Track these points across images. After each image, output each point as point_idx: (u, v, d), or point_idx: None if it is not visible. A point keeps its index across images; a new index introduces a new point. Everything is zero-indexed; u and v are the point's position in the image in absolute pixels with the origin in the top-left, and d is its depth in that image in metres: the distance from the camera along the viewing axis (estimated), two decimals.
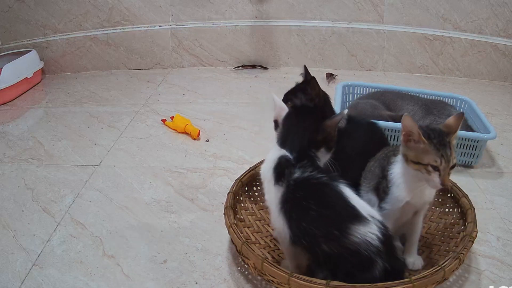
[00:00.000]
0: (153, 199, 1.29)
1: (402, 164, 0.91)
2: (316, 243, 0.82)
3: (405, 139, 0.89)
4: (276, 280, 0.87)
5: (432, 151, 0.85)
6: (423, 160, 0.86)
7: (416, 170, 0.87)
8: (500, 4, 2.04)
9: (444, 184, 0.85)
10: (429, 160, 0.85)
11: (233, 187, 1.11)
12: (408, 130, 0.88)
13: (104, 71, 2.33)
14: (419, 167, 0.86)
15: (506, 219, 1.20)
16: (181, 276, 1.01)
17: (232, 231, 0.97)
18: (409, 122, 0.87)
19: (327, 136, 0.91)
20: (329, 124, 0.91)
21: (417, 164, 0.87)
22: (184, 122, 1.65)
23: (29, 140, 1.64)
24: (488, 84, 2.14)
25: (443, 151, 0.85)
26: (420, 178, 0.88)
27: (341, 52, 2.24)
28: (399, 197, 0.91)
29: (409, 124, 0.87)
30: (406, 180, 0.90)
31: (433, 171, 0.85)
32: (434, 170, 0.85)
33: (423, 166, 0.86)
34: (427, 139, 0.86)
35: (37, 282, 1.00)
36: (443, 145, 0.86)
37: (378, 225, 0.81)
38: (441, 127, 0.90)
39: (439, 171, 0.85)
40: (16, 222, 1.20)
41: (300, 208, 0.84)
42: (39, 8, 2.19)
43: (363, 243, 0.79)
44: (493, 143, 1.55)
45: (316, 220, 0.82)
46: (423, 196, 0.92)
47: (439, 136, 0.87)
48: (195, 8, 2.23)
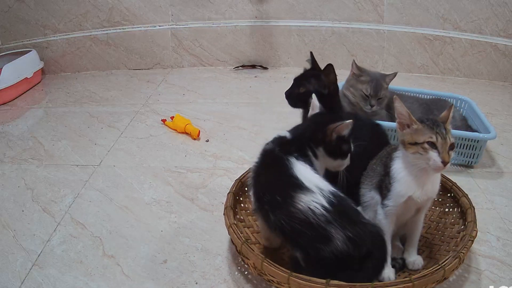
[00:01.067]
0: (153, 199, 1.29)
1: (403, 158, 0.92)
2: (265, 211, 0.88)
3: (400, 125, 0.92)
4: (276, 280, 0.87)
5: (426, 129, 0.88)
6: (419, 139, 0.87)
7: (414, 153, 0.88)
8: (500, 4, 2.04)
9: (445, 161, 0.85)
10: (425, 137, 0.86)
11: (233, 187, 1.11)
12: (399, 112, 0.91)
13: (104, 71, 2.33)
14: (417, 148, 0.87)
15: (506, 219, 1.20)
16: (181, 276, 1.01)
17: (232, 231, 0.97)
18: (398, 103, 0.91)
19: (325, 138, 0.93)
20: (331, 128, 0.92)
21: (415, 145, 0.88)
22: (184, 122, 1.65)
23: (29, 140, 1.64)
24: (488, 84, 2.14)
25: (438, 129, 0.87)
26: (420, 162, 0.87)
27: (341, 52, 2.24)
28: (401, 192, 0.91)
29: (399, 106, 0.91)
30: (407, 173, 0.91)
31: (431, 149, 0.86)
32: (432, 148, 0.86)
33: (420, 145, 0.87)
34: (420, 122, 0.89)
35: (37, 282, 1.00)
36: (437, 125, 0.88)
37: (326, 195, 0.84)
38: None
39: (437, 149, 0.86)
40: (16, 222, 1.20)
41: (257, 174, 0.93)
42: (39, 8, 2.19)
43: (307, 211, 0.82)
44: (493, 143, 1.55)
45: (264, 186, 0.90)
46: (426, 191, 0.91)
47: (432, 120, 0.90)
48: (195, 8, 2.23)
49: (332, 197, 0.84)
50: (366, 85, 1.43)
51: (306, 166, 0.89)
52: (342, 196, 0.87)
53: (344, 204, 0.86)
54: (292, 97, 1.19)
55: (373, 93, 1.43)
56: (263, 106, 1.87)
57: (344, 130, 0.93)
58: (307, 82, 1.15)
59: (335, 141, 0.93)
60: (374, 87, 1.43)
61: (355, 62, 1.46)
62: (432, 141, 0.86)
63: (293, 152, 0.91)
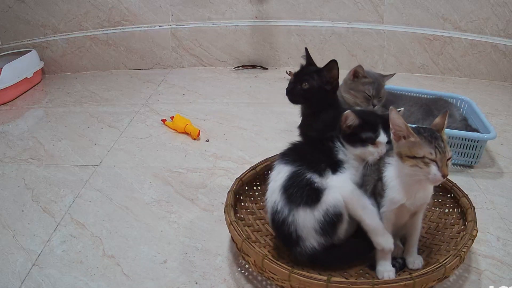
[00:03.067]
0: (153, 199, 1.29)
1: (396, 166, 0.90)
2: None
3: (396, 136, 0.89)
4: (276, 277, 0.87)
5: (424, 143, 0.85)
6: (418, 153, 0.85)
7: (413, 166, 0.86)
8: (500, 4, 2.04)
9: (445, 174, 0.84)
10: (424, 152, 0.84)
11: (233, 186, 1.11)
12: (396, 125, 0.88)
13: (104, 71, 2.33)
14: (416, 161, 0.85)
15: (506, 219, 1.20)
16: (181, 276, 1.01)
17: (232, 229, 0.97)
18: (395, 115, 0.87)
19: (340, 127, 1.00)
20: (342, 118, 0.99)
21: (413, 159, 0.85)
22: (184, 122, 1.65)
23: (29, 140, 1.64)
24: (488, 84, 2.14)
25: (436, 143, 0.85)
26: (418, 175, 0.86)
27: (341, 52, 2.24)
28: (393, 199, 0.90)
29: (395, 117, 0.87)
30: (400, 182, 0.90)
31: (431, 163, 0.84)
32: (431, 162, 0.84)
33: (420, 159, 0.85)
34: (417, 134, 0.86)
35: (37, 282, 1.00)
36: (434, 137, 0.86)
37: (274, 198, 0.97)
38: (430, 126, 0.90)
39: (437, 163, 0.84)
40: (16, 222, 1.20)
41: None
42: (39, 8, 2.19)
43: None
44: (493, 143, 1.54)
45: None
46: (419, 198, 0.91)
47: (429, 131, 0.87)
48: (195, 8, 2.24)
49: (276, 201, 0.97)
50: (368, 86, 1.45)
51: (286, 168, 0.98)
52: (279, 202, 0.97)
53: (276, 217, 0.97)
54: (295, 93, 1.17)
55: (375, 94, 1.45)
56: (263, 106, 1.87)
57: (347, 120, 0.97)
58: (311, 78, 1.14)
59: (350, 130, 0.98)
60: (376, 88, 1.45)
61: (362, 67, 1.48)
62: (431, 158, 0.84)
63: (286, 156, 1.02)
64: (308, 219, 0.92)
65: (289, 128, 1.23)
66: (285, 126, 1.68)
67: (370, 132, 0.97)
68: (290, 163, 0.98)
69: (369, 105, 1.46)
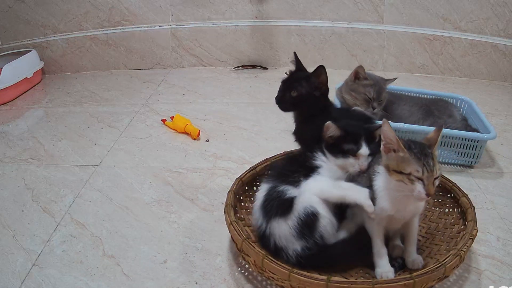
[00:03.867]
0: (153, 199, 1.29)
1: (385, 178, 0.90)
2: None
3: (386, 148, 0.88)
4: (276, 277, 0.87)
5: (413, 160, 0.83)
6: (405, 169, 0.83)
7: (399, 181, 0.84)
8: (500, 4, 2.04)
9: (429, 193, 0.82)
10: (411, 169, 0.83)
11: (233, 186, 1.11)
12: (387, 138, 0.86)
13: (104, 71, 2.33)
14: (402, 177, 0.84)
15: (506, 219, 1.20)
16: (181, 276, 1.01)
17: (232, 229, 0.97)
18: (387, 128, 0.86)
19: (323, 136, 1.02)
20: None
21: (400, 174, 0.84)
22: (184, 122, 1.65)
23: (29, 140, 1.64)
24: (488, 84, 2.14)
25: (425, 160, 0.83)
26: (403, 190, 0.85)
27: (341, 52, 2.24)
28: (383, 208, 0.90)
29: (387, 130, 0.86)
30: (388, 194, 0.89)
31: (417, 181, 0.83)
32: (417, 180, 0.83)
33: (406, 175, 0.83)
34: (408, 149, 0.84)
35: (37, 282, 1.00)
36: (424, 154, 0.84)
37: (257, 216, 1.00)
38: (423, 141, 0.89)
39: (423, 181, 0.83)
40: (16, 222, 1.20)
41: None
42: (39, 8, 2.19)
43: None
44: (493, 143, 1.54)
45: None
46: (409, 211, 0.91)
47: (420, 147, 0.85)
48: (195, 8, 2.24)
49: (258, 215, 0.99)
50: (369, 88, 1.45)
51: (268, 187, 1.00)
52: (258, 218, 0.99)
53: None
54: (284, 102, 1.16)
55: (376, 96, 1.45)
56: (263, 106, 1.87)
57: (328, 131, 1.00)
58: (299, 85, 1.13)
59: (332, 140, 1.01)
60: (377, 91, 1.45)
61: (363, 68, 1.47)
62: (418, 176, 0.82)
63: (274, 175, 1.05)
64: (282, 229, 0.94)
65: (289, 128, 1.22)
66: (285, 126, 1.67)
67: (352, 144, 0.99)
68: (270, 181, 1.01)
69: (368, 107, 1.46)
